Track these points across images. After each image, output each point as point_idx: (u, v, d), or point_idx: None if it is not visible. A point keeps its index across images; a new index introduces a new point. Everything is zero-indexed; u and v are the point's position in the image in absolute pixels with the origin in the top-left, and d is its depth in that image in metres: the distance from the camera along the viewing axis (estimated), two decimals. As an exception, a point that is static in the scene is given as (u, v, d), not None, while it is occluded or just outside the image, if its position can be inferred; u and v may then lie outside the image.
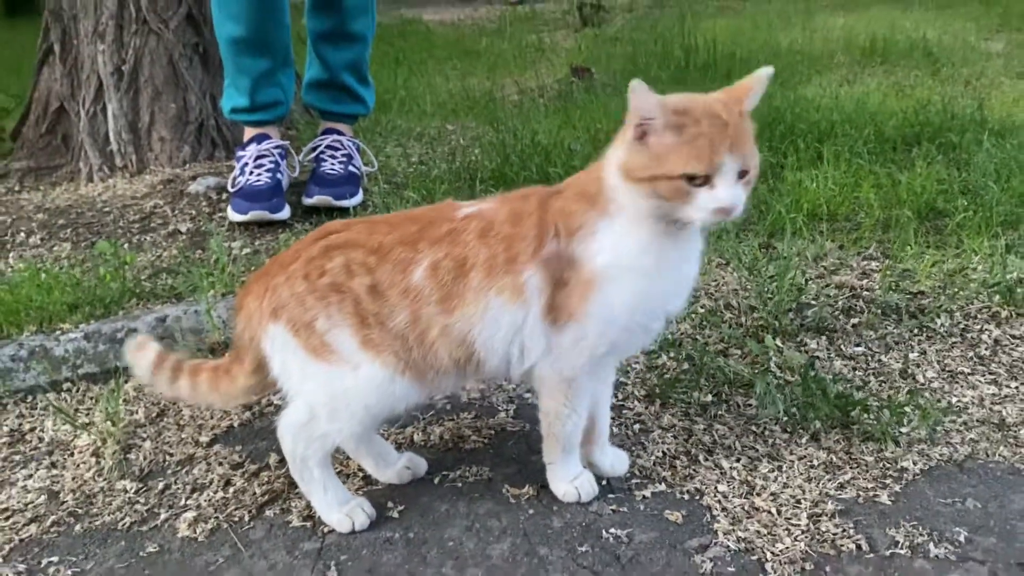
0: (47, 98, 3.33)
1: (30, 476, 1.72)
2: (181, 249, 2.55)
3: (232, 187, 2.73)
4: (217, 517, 1.55)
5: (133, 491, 1.65)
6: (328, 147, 2.81)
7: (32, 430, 1.86)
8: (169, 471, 1.70)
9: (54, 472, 1.73)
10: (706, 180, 1.24)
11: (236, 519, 1.54)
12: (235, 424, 1.82)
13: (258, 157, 2.72)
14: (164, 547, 1.49)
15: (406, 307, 1.39)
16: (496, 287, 1.36)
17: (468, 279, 1.37)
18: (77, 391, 1.96)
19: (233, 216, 2.64)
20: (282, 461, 1.68)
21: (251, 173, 2.69)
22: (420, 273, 1.39)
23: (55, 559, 1.49)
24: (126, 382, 1.94)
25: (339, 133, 2.85)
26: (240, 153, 2.77)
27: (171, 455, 1.75)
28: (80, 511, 1.61)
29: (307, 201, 2.71)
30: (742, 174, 1.27)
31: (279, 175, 2.72)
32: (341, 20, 2.75)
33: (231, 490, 1.62)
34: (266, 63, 2.68)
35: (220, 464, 1.70)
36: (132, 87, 3.11)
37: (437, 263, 1.39)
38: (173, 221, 2.73)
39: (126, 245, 2.56)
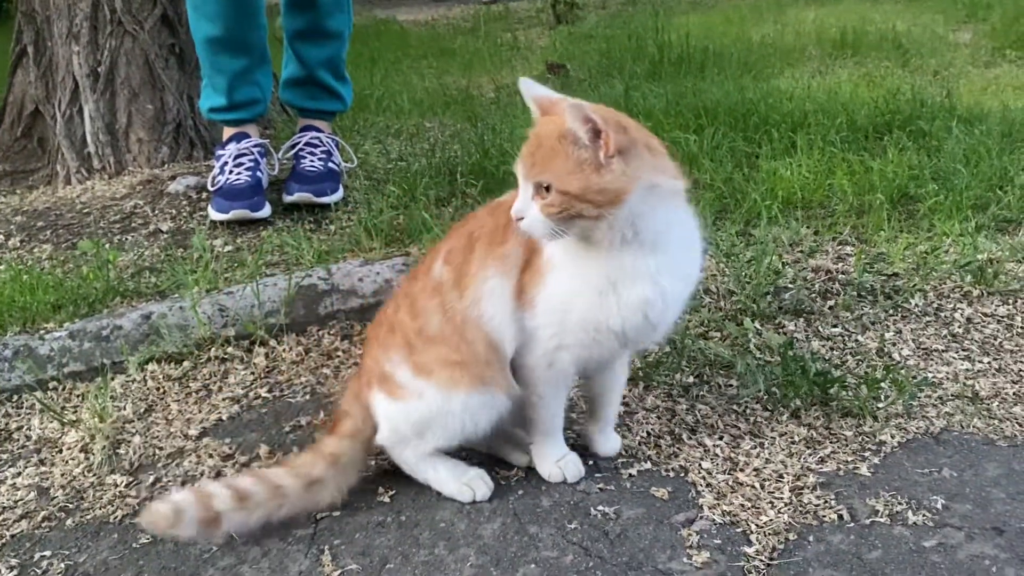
0: (22, 101, 3.30)
1: (19, 474, 1.73)
2: (163, 248, 2.55)
3: (212, 186, 2.72)
4: (209, 507, 1.56)
5: (123, 485, 1.66)
6: (307, 144, 2.82)
7: (19, 428, 1.87)
8: (159, 464, 1.71)
9: (43, 469, 1.73)
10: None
11: (228, 509, 1.55)
12: (224, 417, 1.84)
13: (237, 156, 2.71)
14: (157, 538, 1.50)
15: (436, 306, 1.44)
16: (492, 255, 1.40)
17: (474, 252, 1.42)
18: (63, 389, 1.97)
19: (214, 215, 2.64)
20: (272, 452, 1.71)
21: (231, 172, 2.69)
22: (439, 264, 1.46)
23: (47, 553, 1.50)
24: (113, 378, 1.94)
25: (317, 130, 2.86)
26: (219, 152, 2.77)
27: (161, 449, 1.76)
28: (71, 506, 1.62)
29: (287, 199, 2.72)
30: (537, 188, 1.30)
31: (259, 173, 2.72)
32: (317, 17, 2.75)
33: (222, 481, 1.64)
34: (243, 62, 2.68)
35: (210, 456, 1.71)
36: (108, 89, 3.10)
37: (452, 248, 1.46)
38: (154, 221, 2.73)
39: (107, 245, 2.56)
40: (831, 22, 6.15)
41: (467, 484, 1.48)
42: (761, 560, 1.33)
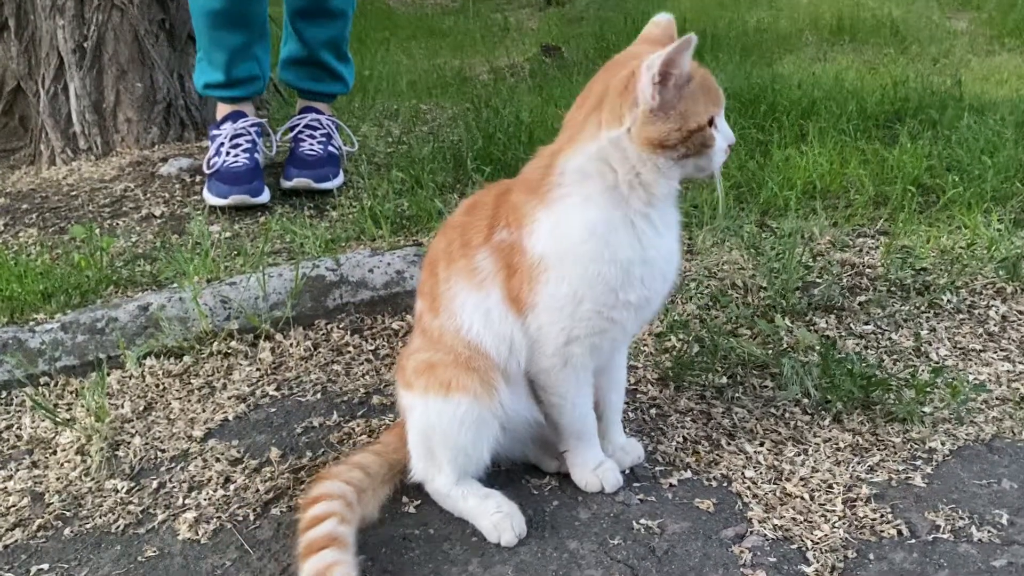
0: (2, 77, 3.14)
1: (10, 477, 1.61)
2: (157, 234, 2.42)
3: (208, 168, 2.58)
4: (219, 517, 1.46)
5: (125, 491, 1.55)
6: (307, 126, 2.69)
7: (9, 428, 1.75)
8: (163, 468, 1.60)
9: (36, 472, 1.62)
10: (711, 121, 1.26)
11: (240, 518, 1.45)
12: (230, 417, 1.73)
13: (234, 136, 2.58)
14: (164, 550, 1.40)
15: (423, 325, 1.44)
16: (454, 272, 1.36)
17: (436, 271, 1.40)
18: (56, 385, 1.85)
19: (211, 200, 2.51)
20: (284, 455, 1.60)
21: (227, 154, 2.55)
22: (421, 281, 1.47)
23: (44, 567, 1.39)
24: (109, 374, 1.83)
25: (317, 112, 2.74)
26: (214, 132, 2.63)
27: (163, 451, 1.65)
28: (68, 513, 1.50)
29: (286, 184, 2.60)
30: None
31: (257, 155, 2.60)
32: None
33: (232, 487, 1.53)
34: (243, 36, 2.54)
35: (217, 460, 1.60)
36: (95, 65, 2.95)
37: (422, 279, 1.47)
38: (146, 205, 2.60)
39: (99, 231, 2.42)
40: (825, 7, 6.08)
41: (495, 525, 1.36)
42: (821, 580, 1.25)
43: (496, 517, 1.36)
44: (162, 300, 1.96)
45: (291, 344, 1.92)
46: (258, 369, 1.86)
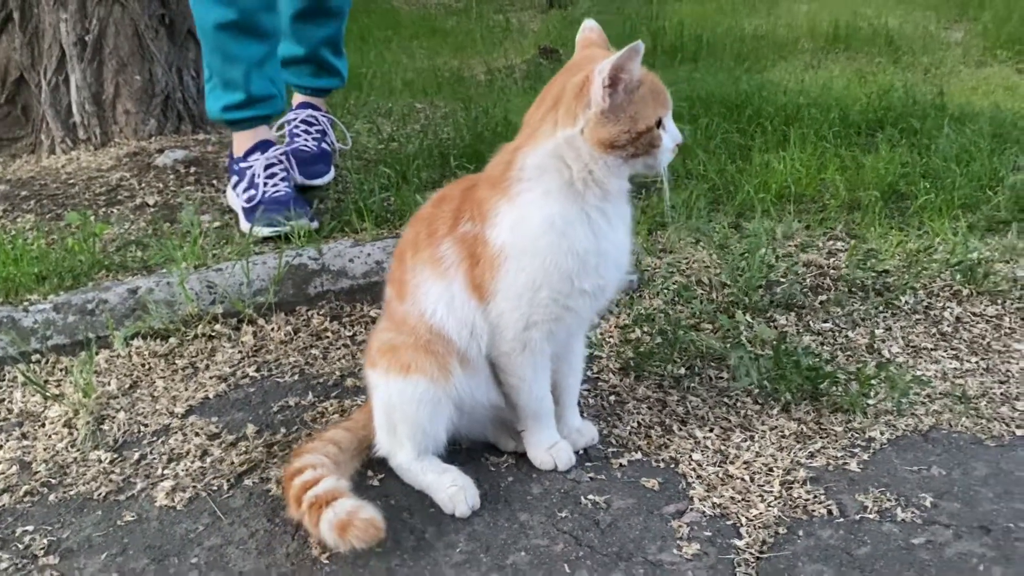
0: (6, 67, 3.23)
1: (0, 447, 1.70)
2: (150, 222, 2.51)
3: (246, 203, 2.44)
4: (195, 486, 1.55)
5: (108, 461, 1.64)
6: (302, 122, 2.77)
7: (1, 401, 1.84)
8: (144, 441, 1.69)
9: (25, 443, 1.71)
10: (659, 122, 1.36)
11: (214, 488, 1.54)
12: (210, 396, 1.82)
13: (268, 166, 2.47)
14: (142, 516, 1.49)
15: (390, 310, 1.53)
16: (420, 260, 1.45)
17: (404, 260, 1.49)
18: (47, 363, 1.94)
19: (264, 231, 2.34)
20: (260, 431, 1.69)
21: (265, 184, 2.45)
22: (391, 269, 1.56)
23: (30, 528, 1.48)
24: (97, 353, 1.92)
25: (314, 108, 2.81)
26: (242, 165, 2.50)
27: (146, 426, 1.74)
28: (54, 481, 1.59)
29: None
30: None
31: (292, 182, 2.53)
32: None
33: (208, 460, 1.62)
34: (258, 49, 2.43)
35: (196, 435, 1.69)
36: (96, 58, 3.05)
37: (391, 269, 1.57)
38: (140, 194, 2.70)
39: (93, 218, 2.52)
40: (823, 16, 6.14)
41: (450, 498, 1.45)
42: (751, 553, 1.33)
43: (451, 490, 1.44)
44: (151, 284, 2.05)
45: (272, 328, 2.01)
46: (240, 351, 1.95)
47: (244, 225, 2.43)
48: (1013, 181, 2.70)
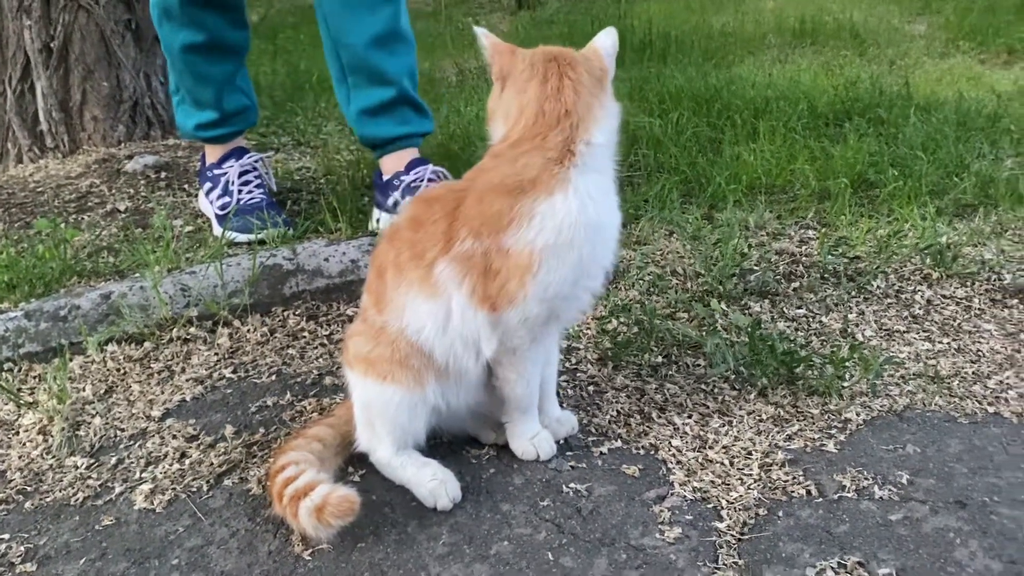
0: (-30, 77, 3.21)
1: (-26, 456, 1.68)
2: (121, 227, 2.49)
3: (219, 210, 2.41)
4: (174, 488, 1.53)
5: (84, 467, 1.62)
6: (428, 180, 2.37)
7: (-27, 411, 1.81)
8: (121, 446, 1.68)
9: (-1, 451, 1.69)
10: None
11: (194, 489, 1.53)
12: (187, 398, 1.80)
13: (242, 173, 2.43)
14: (120, 519, 1.47)
15: (368, 317, 1.50)
16: (406, 281, 1.41)
17: (385, 277, 1.45)
18: (19, 371, 1.91)
19: (240, 237, 2.31)
20: (238, 432, 1.68)
21: (240, 191, 2.40)
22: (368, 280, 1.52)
23: (6, 536, 1.46)
24: (71, 359, 1.90)
25: (424, 162, 2.42)
26: (215, 172, 2.44)
27: (123, 430, 1.72)
28: (29, 488, 1.57)
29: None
30: None
31: (267, 188, 2.48)
32: (396, 15, 2.30)
33: (187, 462, 1.61)
34: (227, 67, 2.39)
35: (174, 437, 1.68)
36: (62, 65, 3.02)
37: (368, 280, 1.53)
38: (111, 200, 2.67)
39: (63, 224, 2.49)
40: (790, 11, 6.21)
41: (431, 492, 1.45)
42: (732, 535, 1.34)
43: (432, 484, 1.44)
44: (124, 289, 2.03)
45: (248, 330, 2.00)
46: (216, 353, 1.94)
47: (217, 230, 2.39)
48: (979, 168, 2.75)
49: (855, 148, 2.91)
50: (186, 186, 2.76)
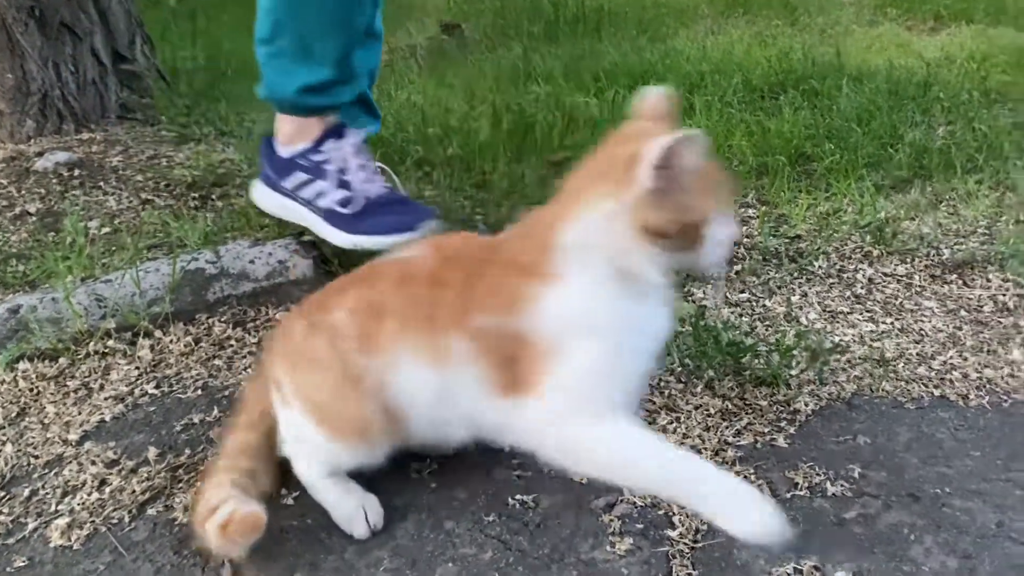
0: None
1: None
2: (31, 232, 2.34)
3: (340, 206, 1.92)
4: (93, 521, 1.43)
5: (-5, 500, 1.51)
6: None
7: None
8: (35, 475, 1.56)
9: None
10: (710, 217, 1.18)
11: (115, 521, 1.43)
12: (107, 418, 1.69)
13: (357, 154, 1.96)
14: (35, 559, 1.37)
15: (338, 336, 1.33)
16: (408, 340, 1.27)
17: (383, 321, 1.29)
18: (-80, 396, 1.78)
19: (385, 240, 1.81)
20: (162, 454, 1.58)
21: (363, 181, 1.93)
22: (342, 313, 1.33)
23: (-94, 586, 1.35)
24: (-23, 382, 1.77)
25: None
26: (315, 159, 1.95)
27: (36, 457, 1.60)
28: (-68, 529, 1.46)
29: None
30: None
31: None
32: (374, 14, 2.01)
33: (107, 490, 1.50)
34: (370, 7, 1.92)
35: (93, 463, 1.57)
36: (-40, 57, 2.82)
37: (356, 309, 1.32)
38: (19, 202, 2.51)
39: (-34, 231, 2.33)
40: (721, -20, 6.18)
41: (348, 519, 1.36)
42: (685, 543, 1.30)
43: (351, 511, 1.36)
44: (33, 301, 1.90)
45: (171, 340, 1.89)
46: (137, 368, 1.82)
47: (337, 236, 1.92)
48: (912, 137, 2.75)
49: (791, 121, 2.89)
50: (101, 184, 2.60)
